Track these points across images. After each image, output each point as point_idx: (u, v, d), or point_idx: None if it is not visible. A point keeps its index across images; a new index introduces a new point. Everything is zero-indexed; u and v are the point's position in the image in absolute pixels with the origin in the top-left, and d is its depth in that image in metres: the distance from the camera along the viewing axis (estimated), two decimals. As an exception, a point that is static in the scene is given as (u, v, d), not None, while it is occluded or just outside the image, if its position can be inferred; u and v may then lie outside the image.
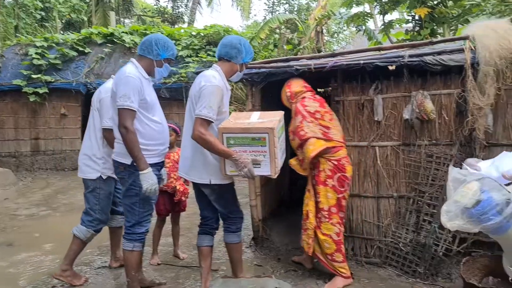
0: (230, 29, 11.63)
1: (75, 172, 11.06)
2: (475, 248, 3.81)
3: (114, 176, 3.66)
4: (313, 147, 3.69)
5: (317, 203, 3.85)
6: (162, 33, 11.89)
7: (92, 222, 3.82)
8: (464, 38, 3.80)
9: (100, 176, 3.80)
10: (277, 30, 11.37)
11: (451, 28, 8.74)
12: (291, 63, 4.31)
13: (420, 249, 3.90)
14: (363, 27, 10.71)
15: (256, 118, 3.31)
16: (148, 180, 3.13)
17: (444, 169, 3.87)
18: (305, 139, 3.73)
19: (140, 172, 3.12)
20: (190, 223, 5.68)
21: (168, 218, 4.61)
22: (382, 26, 9.48)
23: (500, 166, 2.07)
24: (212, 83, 3.17)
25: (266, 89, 4.59)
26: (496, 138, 3.75)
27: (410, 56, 3.81)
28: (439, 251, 3.80)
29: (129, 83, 3.12)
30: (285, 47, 10.95)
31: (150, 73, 3.36)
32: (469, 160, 2.29)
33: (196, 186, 3.48)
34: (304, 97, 3.95)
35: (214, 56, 11.16)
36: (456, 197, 2.08)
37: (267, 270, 4.13)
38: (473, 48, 3.68)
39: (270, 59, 5.04)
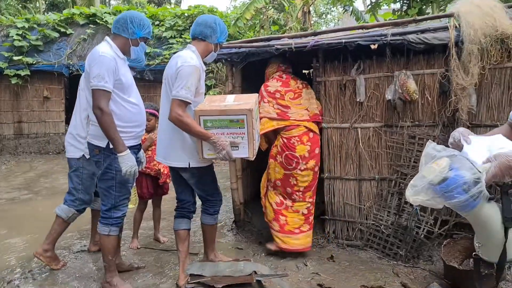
0: (214, 9, 11.39)
1: (59, 156, 11.04)
2: (457, 230, 3.78)
3: None
4: (262, 127, 3.86)
5: (268, 174, 4.06)
6: (145, 14, 11.66)
7: (74, 201, 3.73)
8: (449, 16, 3.70)
9: (83, 155, 3.68)
10: (263, 11, 11.16)
11: (440, 8, 8.63)
12: (272, 42, 4.18)
13: (402, 231, 3.86)
14: (350, 8, 10.57)
15: (232, 101, 3.24)
16: (127, 163, 3.04)
17: (427, 151, 3.81)
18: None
19: (119, 155, 3.02)
20: (172, 206, 5.58)
21: (149, 203, 4.52)
22: (369, 6, 9.35)
23: (492, 146, 2.01)
24: (189, 63, 3.07)
25: (246, 70, 4.46)
26: (480, 119, 3.68)
27: (393, 34, 3.70)
28: (421, 234, 3.76)
29: (103, 63, 2.98)
30: (271, 27, 10.76)
31: (126, 52, 3.22)
32: (461, 129, 2.22)
33: (174, 170, 3.41)
34: (272, 78, 4.08)
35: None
36: (424, 172, 2.03)
37: (248, 253, 4.07)
38: (457, 25, 3.58)
39: (251, 38, 4.90)
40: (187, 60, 3.07)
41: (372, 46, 3.73)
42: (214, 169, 3.50)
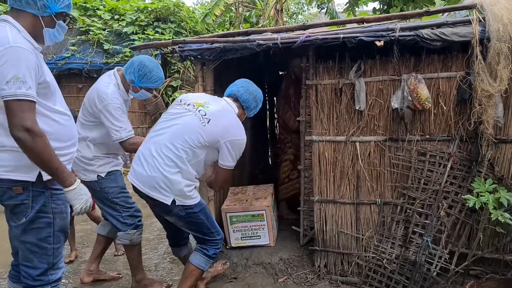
0: (181, 4, 10.49)
1: None
2: (475, 265, 3.16)
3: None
4: None
5: None
6: (104, 7, 10.64)
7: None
8: (470, 8, 3.07)
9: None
10: (233, 7, 10.40)
11: (416, 8, 8.12)
12: (252, 36, 3.44)
13: (409, 267, 3.19)
14: (326, 5, 9.95)
15: (252, 194, 3.90)
16: (81, 197, 2.18)
17: (440, 170, 3.15)
18: None
19: (68, 189, 2.13)
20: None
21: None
22: (347, 5, 8.75)
23: None
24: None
25: (220, 69, 3.69)
26: (506, 133, 3.05)
27: (402, 29, 3.02)
28: (433, 271, 3.10)
29: (20, 59, 1.95)
30: (241, 26, 10.01)
31: (37, 37, 2.16)
32: None
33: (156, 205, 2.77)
34: None
35: (163, 34, 10.06)
36: None
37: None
38: (481, 19, 2.94)
39: (225, 32, 4.13)
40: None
41: (378, 43, 3.05)
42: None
